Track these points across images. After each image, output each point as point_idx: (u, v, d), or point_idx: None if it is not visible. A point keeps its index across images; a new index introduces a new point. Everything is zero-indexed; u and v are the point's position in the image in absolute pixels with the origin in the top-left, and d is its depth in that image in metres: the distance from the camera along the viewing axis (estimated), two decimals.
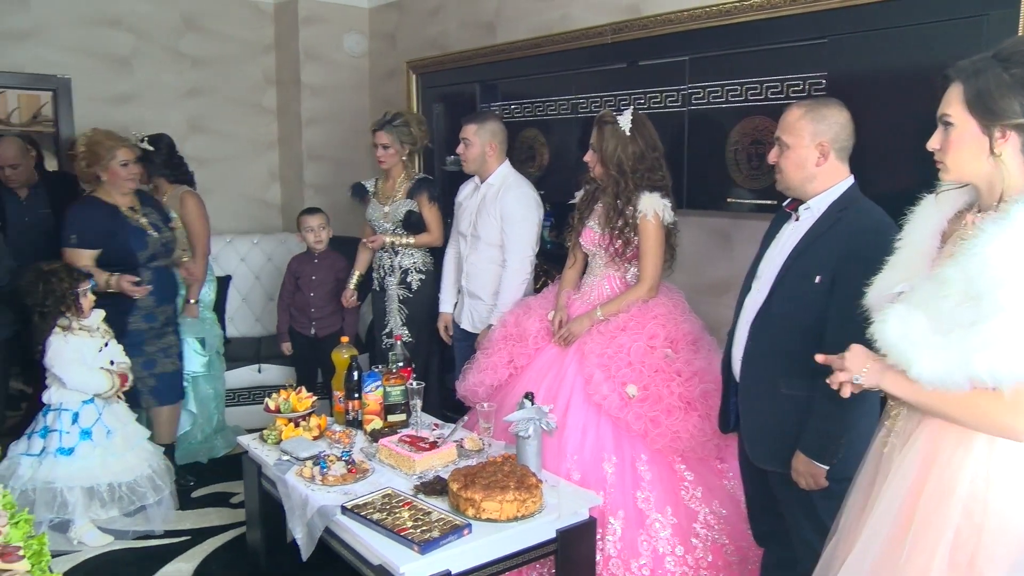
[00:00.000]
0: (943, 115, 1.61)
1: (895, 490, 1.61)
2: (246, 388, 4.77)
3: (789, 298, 2.21)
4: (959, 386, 1.46)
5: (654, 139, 3.09)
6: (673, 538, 2.72)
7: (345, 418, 3.19)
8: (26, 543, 1.49)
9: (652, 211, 3.01)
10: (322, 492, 2.58)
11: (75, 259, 3.52)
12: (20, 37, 4.79)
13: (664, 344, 2.97)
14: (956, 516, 1.49)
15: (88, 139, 3.61)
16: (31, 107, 4.98)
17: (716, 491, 2.85)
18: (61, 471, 3.27)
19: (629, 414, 2.84)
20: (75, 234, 3.56)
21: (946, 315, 1.47)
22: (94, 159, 3.58)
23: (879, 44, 2.77)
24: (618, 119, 3.04)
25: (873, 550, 1.62)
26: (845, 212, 2.18)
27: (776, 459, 2.25)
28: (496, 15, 4.46)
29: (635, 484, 2.80)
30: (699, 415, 2.83)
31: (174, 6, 5.30)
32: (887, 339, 1.58)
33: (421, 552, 2.19)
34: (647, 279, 3.05)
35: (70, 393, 3.32)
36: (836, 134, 2.20)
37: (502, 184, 3.62)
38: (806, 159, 2.21)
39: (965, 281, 1.45)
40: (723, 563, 2.74)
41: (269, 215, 5.86)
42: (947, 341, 1.46)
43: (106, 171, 3.59)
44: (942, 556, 1.50)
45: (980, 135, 1.56)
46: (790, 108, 2.28)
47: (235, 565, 3.25)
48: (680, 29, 3.37)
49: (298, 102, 5.52)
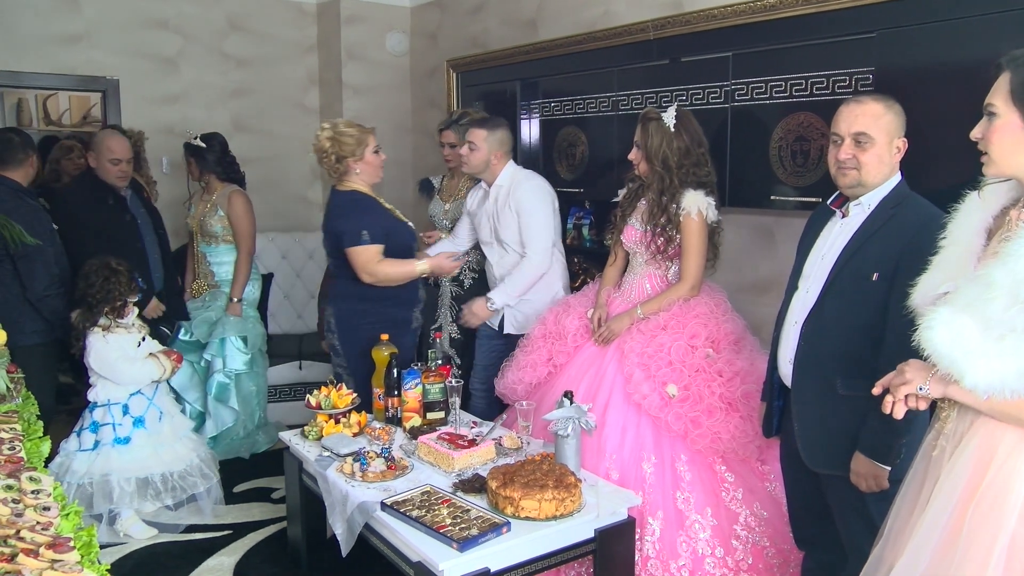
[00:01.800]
0: (988, 104, 1.57)
1: (947, 494, 1.56)
2: (287, 384, 4.84)
3: (844, 297, 2.16)
4: (1017, 393, 1.42)
5: (699, 135, 3.05)
6: (713, 539, 2.69)
7: (385, 415, 3.21)
8: (76, 534, 1.52)
9: (696, 209, 2.98)
10: (362, 488, 2.60)
11: (367, 258, 3.27)
12: (72, 40, 4.91)
13: (705, 344, 2.93)
14: (1012, 521, 1.44)
15: (333, 132, 3.33)
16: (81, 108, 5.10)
17: (757, 493, 2.81)
18: (117, 463, 3.35)
19: (669, 414, 2.81)
20: (365, 229, 3.27)
21: (995, 319, 1.43)
22: (347, 150, 3.32)
23: (929, 38, 2.70)
24: (662, 115, 3.01)
25: (924, 555, 1.57)
26: (899, 208, 2.13)
27: (834, 462, 2.19)
28: (538, 12, 4.45)
29: (675, 484, 2.78)
30: (740, 416, 2.80)
31: (219, 7, 5.39)
32: (937, 348, 1.52)
33: (460, 550, 2.19)
34: (688, 278, 3.02)
35: (116, 387, 3.40)
36: (903, 129, 2.18)
37: (511, 182, 3.58)
38: (888, 154, 2.16)
39: (1013, 283, 1.40)
40: (764, 566, 2.70)
41: (311, 213, 5.92)
42: (1000, 348, 1.41)
43: (361, 160, 3.35)
44: (997, 562, 1.45)
45: (1022, 127, 1.51)
46: (866, 102, 2.18)
47: (276, 560, 3.29)
48: (723, 25, 3.32)
49: (340, 102, 5.57)
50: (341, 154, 3.32)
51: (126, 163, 3.85)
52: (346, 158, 3.32)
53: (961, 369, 1.48)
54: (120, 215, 3.92)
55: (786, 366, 2.33)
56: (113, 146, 3.81)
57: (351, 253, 3.27)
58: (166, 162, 5.23)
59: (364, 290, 3.34)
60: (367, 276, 3.27)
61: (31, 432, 2.17)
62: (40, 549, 1.41)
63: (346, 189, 3.39)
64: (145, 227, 4.06)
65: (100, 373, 3.37)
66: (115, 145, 3.81)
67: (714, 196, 3.06)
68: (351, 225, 3.27)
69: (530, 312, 3.56)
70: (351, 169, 3.35)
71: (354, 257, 3.27)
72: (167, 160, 5.22)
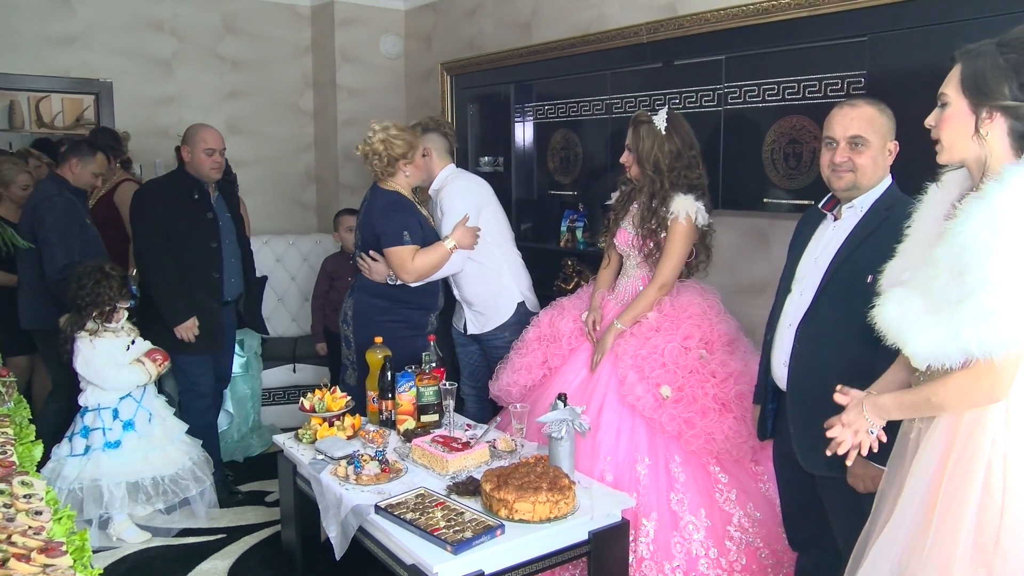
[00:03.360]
0: (941, 94, 1.67)
1: (920, 474, 1.64)
2: (281, 388, 4.83)
3: (840, 299, 2.16)
4: (952, 360, 1.53)
5: (690, 137, 3.06)
6: (707, 540, 2.70)
7: (379, 418, 3.21)
8: (69, 539, 1.52)
9: (684, 213, 2.99)
10: (356, 491, 2.60)
11: (405, 257, 3.29)
12: (65, 42, 4.90)
13: (699, 345, 2.94)
14: (976, 496, 1.53)
15: (385, 134, 3.35)
16: (75, 111, 5.09)
17: (751, 494, 2.82)
18: (107, 467, 3.33)
19: (663, 415, 2.82)
20: (407, 230, 3.31)
21: (937, 294, 1.54)
22: (400, 153, 3.35)
23: (920, 42, 2.71)
24: (654, 118, 3.01)
25: (901, 533, 1.65)
26: (892, 210, 2.14)
27: (829, 464, 2.19)
28: (532, 15, 4.46)
29: (669, 486, 2.78)
30: (734, 417, 2.80)
31: (214, 9, 5.39)
32: (885, 321, 1.67)
33: (454, 552, 2.19)
34: (659, 278, 3.03)
35: (105, 392, 3.38)
36: (894, 132, 2.21)
37: (442, 183, 3.63)
38: (882, 156, 2.19)
39: (951, 259, 1.51)
40: (758, 566, 2.71)
41: (305, 216, 5.92)
42: (938, 319, 1.53)
43: (412, 163, 3.41)
44: (966, 537, 1.53)
45: (969, 114, 1.61)
46: (860, 106, 2.20)
47: (270, 563, 3.28)
48: (716, 28, 3.33)
49: (334, 104, 5.57)
50: (393, 156, 3.36)
51: (220, 153, 3.69)
52: (397, 160, 3.37)
53: (904, 339, 1.61)
54: (200, 212, 3.69)
55: (780, 368, 2.33)
56: (207, 136, 3.64)
57: (391, 253, 3.29)
58: (160, 164, 5.22)
59: (388, 289, 3.38)
60: (406, 275, 3.30)
61: (23, 436, 2.17)
62: (32, 554, 1.40)
63: (388, 189, 3.42)
64: (226, 229, 3.82)
65: (87, 379, 3.37)
66: (209, 135, 3.65)
67: (706, 199, 3.06)
68: (393, 227, 3.30)
69: (489, 313, 3.62)
70: (400, 171, 3.40)
71: (394, 256, 3.29)
72: (161, 162, 5.21)
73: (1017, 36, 1.57)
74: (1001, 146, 1.58)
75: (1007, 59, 1.55)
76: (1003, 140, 1.58)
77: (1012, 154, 1.57)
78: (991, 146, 1.59)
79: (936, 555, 1.55)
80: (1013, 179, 1.49)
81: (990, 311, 1.45)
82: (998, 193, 1.48)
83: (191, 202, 3.65)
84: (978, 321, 1.46)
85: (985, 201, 1.49)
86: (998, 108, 1.56)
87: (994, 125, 1.58)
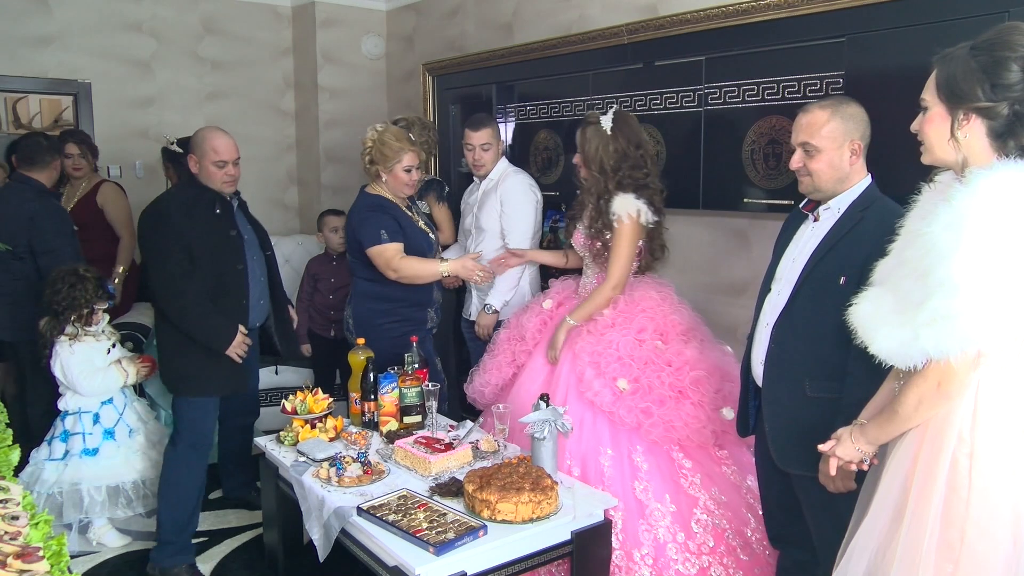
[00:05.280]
0: (921, 99, 1.71)
1: (895, 472, 1.68)
2: (264, 390, 4.77)
3: (813, 299, 2.19)
4: (915, 360, 1.56)
5: (638, 136, 3.10)
6: (673, 525, 2.74)
7: (361, 420, 3.20)
8: (46, 544, 1.50)
9: (625, 212, 3.03)
10: (338, 493, 2.59)
11: (389, 255, 3.26)
12: (42, 43, 4.85)
13: (653, 336, 3.00)
14: (942, 492, 1.56)
15: (378, 136, 3.34)
16: (53, 112, 5.03)
17: (715, 478, 2.86)
18: (87, 472, 3.31)
19: (621, 408, 2.87)
20: (383, 229, 3.28)
21: (904, 294, 1.58)
22: (380, 158, 3.33)
23: (898, 42, 2.73)
24: (601, 119, 3.07)
25: (876, 531, 1.68)
26: (867, 212, 2.17)
27: (803, 462, 2.22)
28: (514, 16, 4.46)
29: (633, 475, 2.83)
30: (692, 403, 2.86)
31: (194, 10, 5.35)
32: (856, 318, 1.71)
33: (436, 553, 2.19)
34: (611, 279, 3.07)
35: (84, 396, 3.35)
36: (863, 132, 2.21)
37: (501, 176, 3.75)
38: (840, 159, 2.20)
39: (917, 260, 1.55)
40: (725, 547, 2.74)
41: (287, 217, 5.89)
42: (903, 319, 1.57)
43: (389, 173, 3.35)
44: (932, 533, 1.56)
45: (946, 117, 1.64)
46: (811, 111, 2.23)
47: (253, 566, 3.27)
48: (696, 29, 3.35)
49: (316, 105, 5.55)
50: (374, 159, 3.35)
51: (233, 164, 3.23)
52: (376, 164, 3.35)
53: (870, 337, 1.66)
54: (224, 230, 3.22)
55: (759, 367, 2.36)
56: (218, 146, 3.18)
57: (372, 253, 3.29)
58: (139, 165, 5.18)
59: (380, 290, 3.38)
60: (391, 272, 3.28)
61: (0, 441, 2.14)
62: (8, 559, 1.39)
63: (372, 192, 3.43)
64: (251, 245, 3.36)
65: (64, 383, 3.34)
66: (220, 145, 3.19)
67: (658, 197, 3.11)
68: (370, 228, 3.29)
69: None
70: (379, 176, 3.38)
71: (376, 257, 3.28)
72: (140, 163, 5.18)
73: (987, 38, 1.60)
74: (980, 147, 1.60)
75: (978, 61, 1.58)
76: (982, 141, 1.60)
77: (992, 155, 1.59)
78: (969, 148, 1.61)
79: (906, 551, 1.58)
80: (979, 183, 1.51)
81: (947, 313, 1.48)
82: (964, 196, 1.51)
83: (212, 218, 3.18)
84: (936, 323, 1.49)
85: (950, 204, 1.52)
86: (973, 110, 1.59)
87: (971, 127, 1.60)
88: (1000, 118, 1.57)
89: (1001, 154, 1.59)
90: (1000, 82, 1.56)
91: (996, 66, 1.56)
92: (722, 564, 2.69)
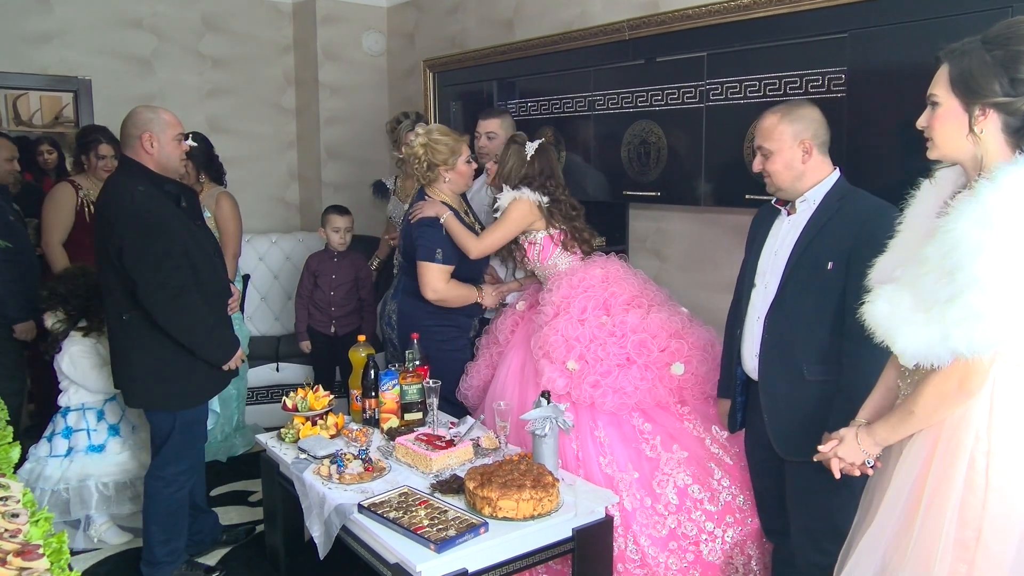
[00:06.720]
0: (930, 95, 1.68)
1: (907, 471, 1.66)
2: (264, 387, 4.80)
3: (803, 288, 2.27)
4: (942, 360, 1.53)
5: (552, 171, 3.24)
6: (640, 491, 2.76)
7: (362, 416, 3.20)
8: (46, 541, 1.50)
9: (510, 196, 3.16)
10: (339, 490, 2.59)
11: (434, 275, 3.17)
12: (43, 39, 4.85)
13: (597, 314, 3.05)
14: (959, 491, 1.54)
15: (428, 139, 3.24)
16: (53, 109, 5.03)
17: (676, 435, 2.89)
18: (94, 468, 3.31)
19: (574, 389, 2.92)
20: (440, 248, 3.19)
21: (927, 292, 1.54)
22: (441, 158, 3.25)
23: (901, 38, 2.72)
24: (527, 144, 3.20)
25: (887, 530, 1.67)
26: (845, 200, 2.28)
27: (806, 449, 2.22)
28: (515, 12, 4.45)
29: (598, 451, 2.87)
30: (638, 366, 2.92)
31: (194, 7, 5.34)
32: (874, 319, 1.67)
33: (438, 551, 2.19)
34: (480, 241, 3.21)
35: (91, 393, 3.35)
36: (815, 131, 2.31)
37: None
38: (792, 159, 2.30)
39: (940, 257, 1.51)
40: (692, 502, 2.75)
41: (288, 214, 5.89)
42: (928, 318, 1.53)
43: (453, 170, 3.27)
44: (948, 532, 1.54)
45: (961, 113, 1.62)
46: (765, 117, 2.38)
47: (254, 563, 3.26)
48: (698, 25, 3.34)
49: (317, 102, 5.55)
50: (433, 161, 3.27)
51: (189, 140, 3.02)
52: (438, 166, 3.28)
53: (892, 336, 1.62)
54: (194, 222, 2.97)
55: (752, 361, 2.41)
56: (171, 118, 2.91)
57: (421, 266, 3.21)
58: None
59: None
60: (431, 292, 3.22)
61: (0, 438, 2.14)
62: (8, 557, 1.39)
63: (435, 198, 3.32)
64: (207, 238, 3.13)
65: (72, 379, 3.33)
66: (173, 118, 2.92)
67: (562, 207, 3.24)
68: (429, 240, 3.20)
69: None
70: (441, 176, 3.31)
71: (423, 271, 3.21)
72: None
73: (1000, 32, 1.58)
74: (996, 143, 1.59)
75: (993, 56, 1.56)
76: (997, 137, 1.58)
77: (1008, 150, 1.58)
78: (986, 144, 1.59)
79: (919, 551, 1.57)
80: (1005, 178, 1.49)
81: (979, 311, 1.45)
82: (990, 192, 1.49)
83: (183, 213, 2.93)
84: (968, 321, 1.46)
85: (977, 199, 1.49)
86: (990, 105, 1.57)
87: (988, 122, 1.59)
88: (1019, 113, 1.56)
89: (1016, 149, 1.57)
90: (1019, 76, 1.54)
91: (1014, 60, 1.54)
92: (691, 520, 2.72)
